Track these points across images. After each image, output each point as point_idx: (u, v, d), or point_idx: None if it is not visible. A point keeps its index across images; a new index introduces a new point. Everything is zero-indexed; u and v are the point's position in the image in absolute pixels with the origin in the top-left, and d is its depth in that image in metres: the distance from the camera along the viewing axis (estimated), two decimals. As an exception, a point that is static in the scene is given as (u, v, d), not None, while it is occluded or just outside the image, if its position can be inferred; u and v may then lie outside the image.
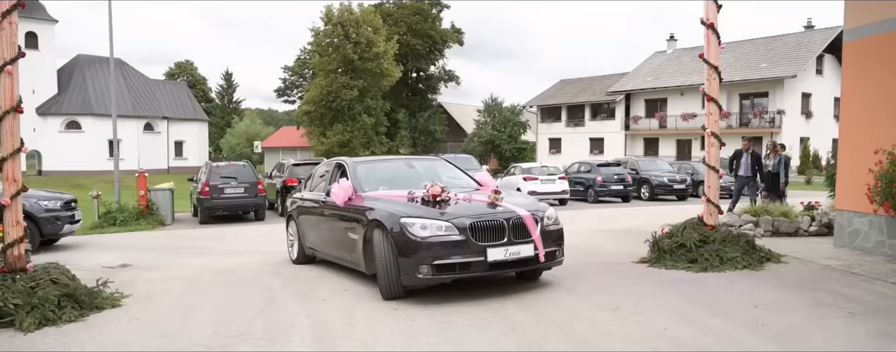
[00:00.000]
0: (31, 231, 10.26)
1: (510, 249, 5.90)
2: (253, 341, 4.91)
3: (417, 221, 5.91)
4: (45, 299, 5.65)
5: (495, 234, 5.91)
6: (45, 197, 11.29)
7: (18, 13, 6.35)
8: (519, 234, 5.99)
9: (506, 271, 6.27)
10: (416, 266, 5.80)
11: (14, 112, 5.98)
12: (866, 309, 5.37)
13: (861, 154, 7.70)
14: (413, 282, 5.89)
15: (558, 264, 6.53)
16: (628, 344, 4.56)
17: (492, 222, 5.94)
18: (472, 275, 5.88)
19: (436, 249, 5.77)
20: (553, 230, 6.37)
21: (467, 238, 5.81)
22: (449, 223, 5.87)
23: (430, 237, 5.80)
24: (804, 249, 8.34)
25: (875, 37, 7.85)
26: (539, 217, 6.22)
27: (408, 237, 5.84)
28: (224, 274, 7.94)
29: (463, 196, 6.44)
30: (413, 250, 5.80)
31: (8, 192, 5.99)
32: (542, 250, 6.06)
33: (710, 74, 7.87)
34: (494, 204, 6.21)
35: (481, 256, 5.79)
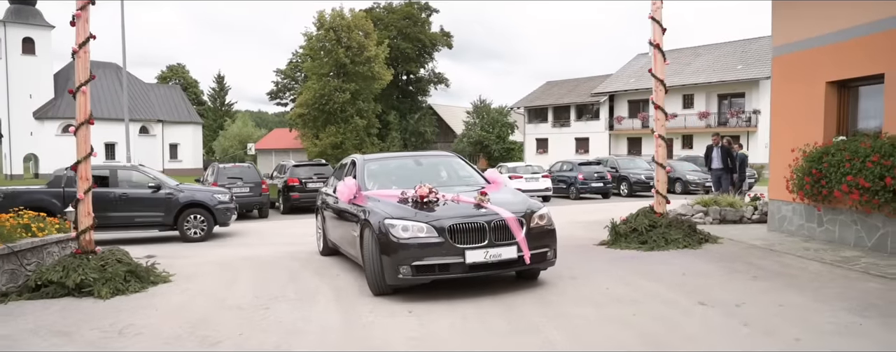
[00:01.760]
0: (206, 219, 12.60)
1: (490, 252, 5.92)
2: (288, 302, 6.32)
3: (399, 222, 6.03)
4: (115, 274, 7.04)
5: (475, 236, 5.96)
6: (216, 191, 13.28)
7: (15, 20, 7.56)
8: (501, 236, 6.01)
9: (498, 273, 6.33)
10: (397, 266, 5.92)
11: (87, 124, 7.31)
12: (767, 274, 6.86)
13: (785, 153, 9.18)
14: (395, 281, 6.02)
15: (549, 265, 6.53)
16: (576, 299, 6.00)
17: (472, 224, 5.98)
18: (451, 276, 5.96)
19: (415, 250, 5.87)
20: (544, 231, 6.34)
21: (446, 240, 5.89)
22: (428, 225, 5.96)
23: (411, 239, 5.92)
24: (741, 233, 9.83)
25: (795, 54, 9.34)
26: (526, 219, 6.21)
27: (390, 238, 5.96)
28: (249, 260, 9.29)
29: (451, 197, 6.46)
30: (394, 250, 5.92)
31: (82, 188, 7.35)
32: (527, 252, 6.04)
33: (657, 86, 9.29)
34: (480, 205, 6.24)
35: (460, 257, 5.87)
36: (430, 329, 5.13)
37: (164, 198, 12.58)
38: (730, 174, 14.45)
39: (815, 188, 8.34)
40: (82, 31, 7.27)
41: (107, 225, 12.10)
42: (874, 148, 7.37)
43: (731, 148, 14.72)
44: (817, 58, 8.87)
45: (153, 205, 12.53)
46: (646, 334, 4.81)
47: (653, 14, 9.09)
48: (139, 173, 13.19)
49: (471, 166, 8.27)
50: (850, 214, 8.23)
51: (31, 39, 51.72)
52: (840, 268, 7.01)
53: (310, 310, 5.97)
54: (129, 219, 12.41)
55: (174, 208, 12.54)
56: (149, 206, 12.51)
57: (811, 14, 9.02)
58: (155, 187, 12.64)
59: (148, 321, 5.69)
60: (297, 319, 5.64)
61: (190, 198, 12.74)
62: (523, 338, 4.81)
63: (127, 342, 5.05)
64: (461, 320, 5.36)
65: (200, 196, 12.92)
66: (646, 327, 5.01)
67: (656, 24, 9.09)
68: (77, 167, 7.37)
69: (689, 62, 43.88)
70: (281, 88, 62.65)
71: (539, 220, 6.36)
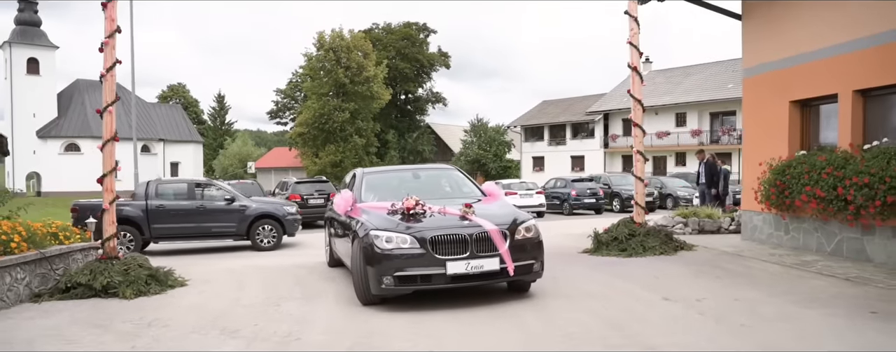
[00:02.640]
0: (276, 230, 13.49)
1: (472, 263, 6.00)
2: (296, 301, 7.00)
3: (383, 233, 6.16)
4: (138, 277, 7.72)
5: (457, 247, 6.05)
6: (285, 204, 14.26)
7: (21, 40, 8.30)
8: (483, 247, 6.08)
9: (485, 284, 6.45)
10: (380, 276, 6.05)
11: (112, 141, 8.03)
12: (730, 275, 7.57)
13: (755, 166, 9.92)
14: (379, 291, 6.14)
15: (536, 277, 6.58)
16: (554, 295, 6.69)
17: (454, 236, 6.08)
18: (433, 287, 6.08)
19: (397, 260, 6.00)
20: (529, 244, 6.39)
21: (427, 251, 5.99)
22: (411, 236, 6.08)
23: (394, 250, 6.04)
24: (716, 242, 10.53)
25: (762, 75, 10.12)
26: (510, 231, 6.28)
27: (374, 249, 6.10)
28: (257, 268, 9.94)
29: (438, 209, 6.56)
30: (378, 261, 6.06)
31: (107, 199, 8.06)
32: (510, 264, 6.10)
33: (635, 106, 10.03)
34: (464, 217, 6.33)
35: (441, 268, 5.96)
36: (423, 315, 5.81)
37: (237, 209, 13.44)
38: (712, 189, 15.15)
39: (779, 199, 9.07)
40: (109, 57, 8.01)
41: (186, 234, 13.27)
42: (829, 161, 8.11)
43: (715, 163, 15.44)
44: (782, 79, 9.64)
45: (228, 216, 13.41)
46: (610, 321, 5.51)
47: (630, 39, 9.87)
48: (215, 187, 14.16)
49: (469, 179, 8.42)
50: (811, 222, 8.95)
51: (35, 60, 52.67)
52: (797, 270, 7.71)
53: (316, 306, 6.66)
54: (206, 229, 13.32)
55: (247, 220, 13.41)
56: (224, 217, 13.40)
57: (776, 38, 9.81)
58: (229, 200, 13.51)
59: (172, 316, 6.37)
60: (306, 313, 6.33)
61: (261, 210, 13.62)
62: (503, 322, 5.51)
63: (156, 332, 5.73)
64: (450, 308, 6.04)
65: (271, 208, 13.80)
66: (612, 316, 5.71)
67: (634, 49, 9.86)
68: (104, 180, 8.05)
69: (680, 81, 44.82)
70: (281, 107, 63.58)
71: (526, 232, 6.41)
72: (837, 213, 7.97)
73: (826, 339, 4.84)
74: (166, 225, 13.06)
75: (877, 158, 7.41)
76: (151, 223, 12.99)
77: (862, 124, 8.26)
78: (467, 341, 5.15)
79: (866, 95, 8.23)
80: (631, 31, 9.89)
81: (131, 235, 12.81)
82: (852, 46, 8.19)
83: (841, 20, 8.38)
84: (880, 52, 7.73)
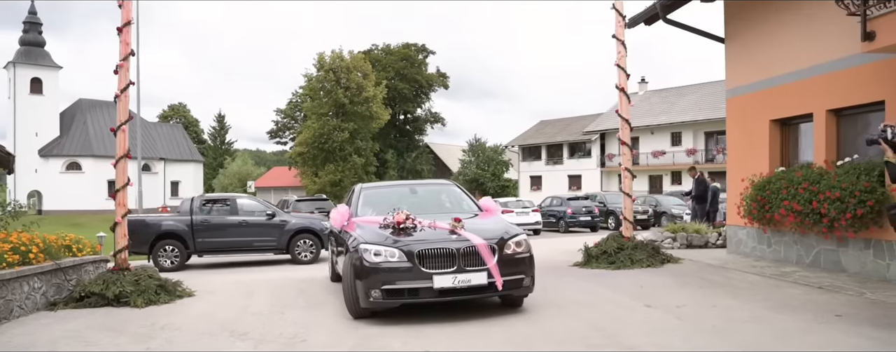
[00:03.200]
0: (314, 244, 13.95)
1: (459, 277, 6.01)
2: (300, 309, 7.39)
3: (372, 247, 6.22)
4: (148, 287, 8.10)
5: (444, 261, 6.08)
6: (322, 219, 14.58)
7: (25, 60, 8.76)
8: (470, 262, 6.11)
9: (475, 297, 6.38)
10: (368, 289, 6.09)
11: (125, 158, 8.46)
12: (711, 284, 7.97)
13: (738, 183, 10.36)
14: (367, 304, 6.18)
15: (526, 292, 6.57)
16: (543, 304, 7.08)
17: (441, 250, 6.11)
18: (420, 300, 6.12)
19: (384, 274, 6.05)
20: (519, 258, 6.39)
21: (414, 265, 6.03)
22: (399, 250, 6.13)
23: (382, 263, 6.09)
24: (702, 255, 10.93)
25: (744, 96, 10.61)
26: (498, 245, 6.29)
27: (363, 262, 6.16)
28: (263, 281, 10.29)
29: (428, 223, 6.60)
30: (366, 274, 6.12)
31: (119, 213, 8.47)
32: (498, 279, 6.09)
33: (622, 125, 10.51)
34: (453, 232, 6.36)
35: (428, 282, 5.98)
36: (419, 320, 6.21)
37: (278, 224, 13.92)
38: (702, 204, 15.61)
39: (761, 213, 9.49)
40: (123, 79, 8.47)
41: (229, 248, 13.80)
42: (805, 176, 8.55)
43: (705, 180, 15.90)
44: (762, 99, 10.12)
45: (269, 231, 13.89)
46: (593, 324, 5.92)
47: (618, 62, 10.37)
48: (256, 202, 14.73)
49: (467, 195, 8.43)
50: (791, 235, 9.36)
51: (39, 79, 53.36)
52: (775, 280, 8.12)
53: (320, 313, 7.05)
54: (248, 243, 13.83)
55: (287, 234, 13.87)
56: (265, 232, 13.88)
57: (756, 61, 10.31)
58: (270, 215, 14.00)
59: (183, 322, 6.76)
60: (310, 319, 6.72)
61: (301, 225, 14.07)
62: (494, 328, 5.90)
63: (169, 335, 6.12)
64: (445, 315, 6.44)
65: (310, 223, 14.24)
66: (596, 320, 6.12)
67: (621, 71, 10.36)
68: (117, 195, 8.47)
69: (676, 101, 45.45)
70: (281, 127, 64.16)
71: (515, 247, 6.41)
72: (813, 226, 8.39)
73: (791, 337, 5.25)
74: (210, 239, 13.57)
75: (848, 173, 7.85)
76: (196, 237, 13.50)
77: (835, 142, 8.71)
78: (457, 337, 5.57)
79: (839, 114, 8.70)
80: (618, 54, 10.38)
81: (177, 249, 13.34)
82: (825, 69, 8.67)
83: (814, 44, 8.86)
84: (850, 74, 8.21)
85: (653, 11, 11.14)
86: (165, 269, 12.93)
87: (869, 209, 7.48)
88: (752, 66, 10.45)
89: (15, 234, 7.85)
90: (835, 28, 7.99)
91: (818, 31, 8.72)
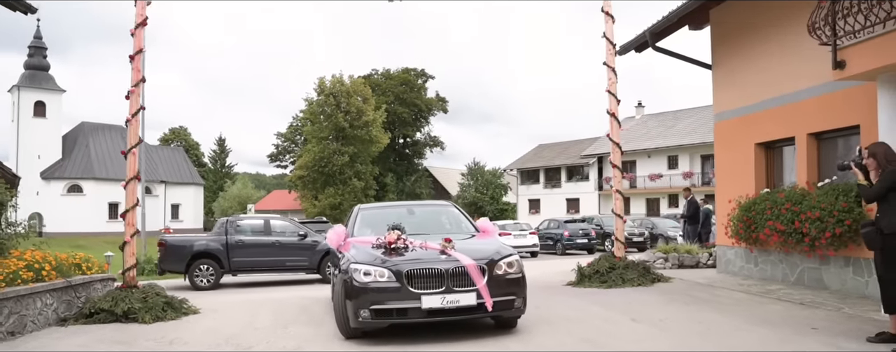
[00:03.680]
0: None
1: (448, 297, 5.98)
2: (302, 324, 7.69)
3: (362, 267, 6.20)
4: (155, 304, 8.41)
5: (433, 282, 6.07)
6: None
7: (29, 84, 9.13)
8: (459, 282, 6.08)
9: (466, 318, 6.34)
10: (357, 309, 6.07)
11: (135, 179, 8.82)
12: (697, 301, 8.28)
13: (726, 204, 10.71)
14: (357, 324, 6.17)
15: (517, 313, 6.52)
16: (535, 321, 7.35)
17: (430, 270, 6.10)
18: (409, 321, 6.11)
19: (373, 294, 6.03)
20: (510, 279, 6.35)
21: (403, 285, 6.02)
22: (388, 270, 6.12)
23: (371, 283, 6.07)
24: (693, 275, 11.23)
25: (730, 121, 11.01)
26: (488, 266, 6.27)
27: (353, 282, 6.15)
28: (265, 300, 10.57)
29: (419, 243, 6.58)
30: (356, 294, 6.10)
31: (128, 232, 8.81)
32: (488, 300, 6.06)
33: (614, 149, 10.89)
34: (444, 252, 6.34)
35: (416, 302, 5.97)
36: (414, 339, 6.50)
37: (310, 245, 14.31)
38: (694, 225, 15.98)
39: (747, 233, 9.82)
40: (134, 104, 8.88)
41: (262, 267, 14.19)
42: (787, 197, 8.90)
43: (697, 202, 16.26)
44: (747, 123, 10.51)
45: (300, 251, 14.29)
46: (582, 337, 6.24)
47: (609, 88, 10.78)
48: (288, 223, 15.17)
49: (464, 216, 8.40)
50: (776, 254, 9.69)
51: (42, 103, 54.00)
52: (759, 297, 8.43)
53: (321, 328, 7.34)
54: (281, 263, 14.21)
55: (318, 254, 14.21)
56: (297, 252, 14.28)
57: (741, 87, 10.72)
58: (302, 236, 14.42)
59: (190, 337, 7.06)
60: (311, 333, 7.02)
61: None
62: (487, 345, 6.17)
63: (178, 348, 6.42)
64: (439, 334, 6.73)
65: None
66: (584, 333, 6.43)
67: (612, 97, 10.77)
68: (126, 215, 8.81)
69: (673, 125, 46.01)
70: (281, 150, 64.66)
71: (507, 267, 6.38)
72: (796, 245, 8.72)
73: (768, 346, 5.57)
74: (244, 258, 13.97)
75: (827, 194, 8.20)
76: (231, 257, 13.89)
77: (816, 164, 9.08)
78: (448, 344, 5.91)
79: (819, 137, 9.09)
80: (609, 80, 10.80)
81: (212, 268, 13.72)
82: (805, 94, 9.07)
83: (795, 71, 9.27)
84: (827, 99, 8.61)
85: (642, 39, 11.60)
86: (201, 288, 13.43)
87: (847, 228, 7.81)
88: (737, 92, 10.86)
89: (29, 252, 8.17)
90: (813, 56, 8.39)
91: (798, 58, 9.13)
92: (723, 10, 10.94)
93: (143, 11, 9.04)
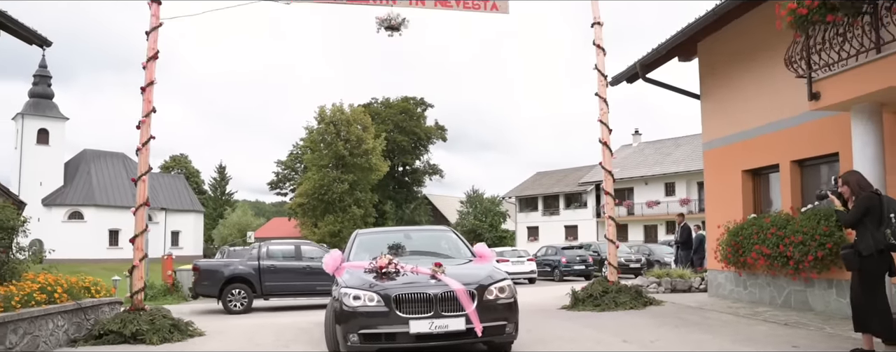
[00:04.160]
0: None
1: (436, 322, 5.94)
2: (303, 343, 8.00)
3: (352, 291, 6.20)
4: (162, 326, 8.69)
5: (421, 306, 6.03)
6: None
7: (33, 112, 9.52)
8: (448, 307, 6.04)
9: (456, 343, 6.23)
10: (347, 333, 6.07)
11: (144, 205, 9.16)
12: (687, 323, 8.57)
13: (715, 229, 11.04)
14: (346, 349, 6.14)
15: (509, 339, 6.43)
16: (528, 342, 7.63)
17: (418, 295, 6.07)
18: (398, 345, 6.04)
19: (362, 318, 6.02)
20: (501, 304, 6.28)
21: (391, 309, 5.99)
22: (377, 294, 6.10)
23: (360, 307, 6.06)
24: (684, 298, 11.51)
25: (718, 149, 11.41)
26: (478, 291, 6.20)
27: (343, 306, 6.15)
28: (267, 323, 10.87)
29: (410, 268, 6.54)
30: (345, 319, 6.10)
31: (137, 256, 9.13)
32: (478, 325, 6.00)
33: (606, 177, 11.25)
34: (434, 276, 6.31)
35: (404, 326, 5.94)
36: None
37: None
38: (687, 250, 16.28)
39: (735, 257, 10.14)
40: (145, 133, 9.27)
41: (293, 292, 14.47)
42: (773, 222, 9.24)
43: (690, 228, 16.57)
44: (735, 151, 10.91)
45: (330, 276, 14.45)
46: (573, 355, 6.51)
47: (600, 118, 11.19)
48: (318, 249, 15.45)
49: (462, 241, 8.34)
50: (764, 277, 9.99)
51: (45, 130, 54.42)
52: (747, 318, 8.72)
53: (321, 347, 7.62)
54: (311, 287, 14.35)
55: None
56: (327, 276, 14.38)
57: (728, 116, 11.14)
58: None
59: (197, 355, 7.34)
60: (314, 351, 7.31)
61: None
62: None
63: (186, 366, 6.70)
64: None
65: None
66: (576, 352, 6.71)
67: (603, 126, 11.17)
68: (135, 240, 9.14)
69: (670, 152, 46.48)
70: (281, 178, 64.99)
71: (498, 292, 6.30)
72: (782, 268, 9.04)
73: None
74: (276, 283, 14.24)
75: (809, 219, 8.55)
76: (263, 281, 14.21)
77: (800, 190, 9.45)
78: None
79: (801, 164, 9.48)
80: (601, 111, 11.22)
81: (244, 292, 14.05)
82: (788, 123, 9.48)
83: (778, 101, 9.68)
84: (808, 128, 9.01)
85: (633, 71, 12.06)
86: (234, 311, 13.72)
87: (828, 251, 8.14)
88: (725, 121, 11.28)
89: (42, 275, 8.49)
90: (793, 87, 8.79)
91: (781, 88, 9.55)
92: (710, 43, 11.41)
93: (154, 45, 9.48)
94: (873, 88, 6.74)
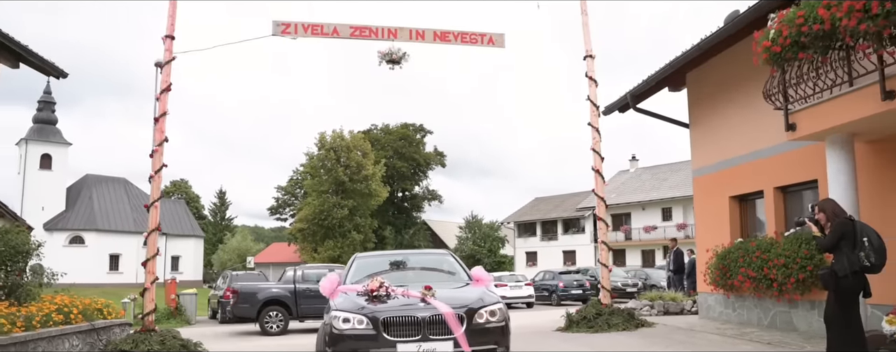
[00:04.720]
0: None
1: (424, 346, 5.98)
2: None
3: (342, 314, 6.27)
4: (172, 347, 9.05)
5: (410, 330, 6.08)
6: None
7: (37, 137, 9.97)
8: (437, 330, 6.07)
9: None
10: None
11: (156, 231, 9.57)
12: (676, 344, 8.95)
13: (704, 253, 11.44)
14: None
15: None
16: (526, 358, 8.04)
17: (406, 318, 6.12)
18: None
19: (350, 341, 6.08)
20: (490, 328, 6.29)
21: (379, 332, 6.05)
22: (366, 317, 6.15)
23: (347, 330, 6.13)
24: (676, 320, 11.87)
25: (707, 175, 11.88)
26: (467, 314, 6.23)
27: (332, 329, 6.23)
28: (272, 345, 11.24)
29: (401, 291, 6.57)
30: (335, 342, 6.17)
31: (148, 279, 9.51)
32: (466, 348, 6.02)
33: (599, 203, 11.72)
34: (423, 300, 6.32)
35: (392, 349, 5.99)
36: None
37: None
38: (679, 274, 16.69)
39: (723, 279, 10.53)
40: (158, 162, 9.73)
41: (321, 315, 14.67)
42: (758, 246, 9.66)
43: (681, 253, 16.99)
44: (722, 178, 11.37)
45: None
46: (565, 371, 6.88)
47: (593, 146, 11.67)
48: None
49: (459, 264, 8.33)
50: (751, 299, 10.37)
51: (49, 155, 54.96)
52: (733, 339, 9.08)
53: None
54: None
55: None
56: None
57: (715, 144, 11.62)
58: None
59: (207, 373, 7.69)
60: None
61: None
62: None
63: (198, 382, 7.06)
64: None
65: None
66: (568, 368, 7.08)
67: (596, 155, 11.65)
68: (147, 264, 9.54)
69: (667, 177, 46.93)
70: (281, 203, 65.31)
71: (489, 316, 6.33)
72: (766, 289, 9.43)
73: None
74: (311, 305, 14.52)
75: (791, 242, 8.96)
76: (299, 304, 14.67)
77: (783, 215, 9.89)
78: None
79: (784, 191, 9.93)
80: (593, 139, 11.70)
81: (281, 314, 14.49)
82: (771, 152, 9.95)
83: (762, 130, 10.15)
84: (789, 156, 9.48)
85: (624, 101, 12.57)
86: (270, 333, 14.08)
87: (809, 274, 8.54)
88: (713, 149, 11.75)
89: (59, 297, 8.87)
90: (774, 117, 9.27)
91: (763, 119, 10.01)
92: (697, 74, 11.93)
93: (167, 78, 9.99)
94: (845, 119, 7.20)
